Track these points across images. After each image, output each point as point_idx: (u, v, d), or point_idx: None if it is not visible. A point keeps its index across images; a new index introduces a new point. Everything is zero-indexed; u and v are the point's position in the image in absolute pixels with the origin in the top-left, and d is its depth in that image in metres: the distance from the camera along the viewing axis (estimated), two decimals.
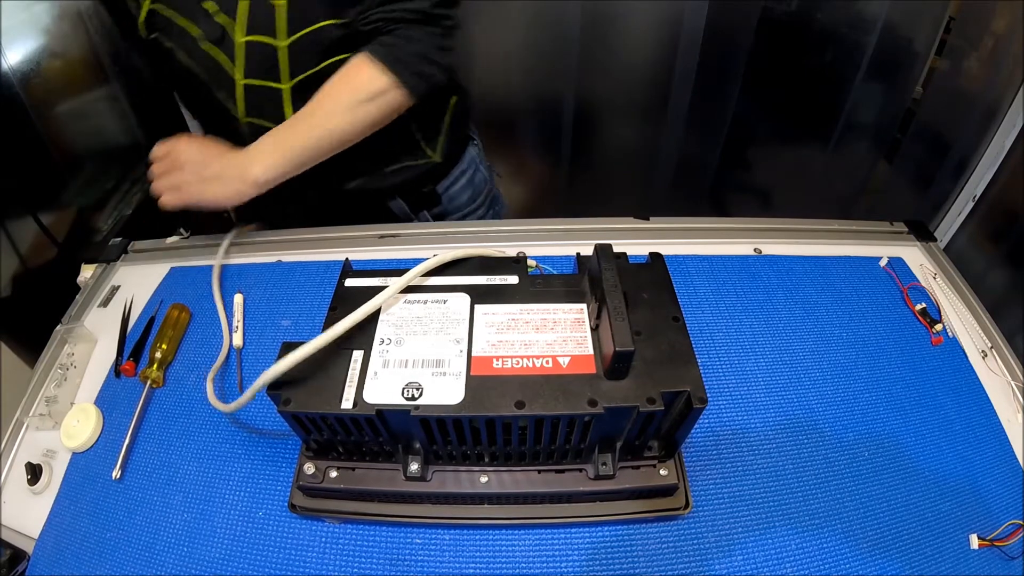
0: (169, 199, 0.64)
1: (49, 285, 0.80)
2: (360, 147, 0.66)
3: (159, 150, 0.65)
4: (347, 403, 0.40)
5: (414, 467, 0.45)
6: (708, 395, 0.40)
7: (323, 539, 0.48)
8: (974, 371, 0.60)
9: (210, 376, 0.57)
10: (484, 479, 0.46)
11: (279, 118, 0.65)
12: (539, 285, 0.48)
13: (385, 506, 0.47)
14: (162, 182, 0.65)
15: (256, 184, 0.62)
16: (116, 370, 0.61)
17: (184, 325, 0.64)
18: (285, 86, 0.64)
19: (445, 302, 0.47)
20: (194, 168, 0.63)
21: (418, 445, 0.45)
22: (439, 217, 0.85)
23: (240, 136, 0.69)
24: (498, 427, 0.41)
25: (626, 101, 1.34)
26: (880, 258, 0.71)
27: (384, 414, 0.40)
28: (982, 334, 0.64)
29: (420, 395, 0.40)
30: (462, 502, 0.47)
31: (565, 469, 0.46)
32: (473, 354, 0.43)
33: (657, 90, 1.29)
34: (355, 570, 0.47)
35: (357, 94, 0.61)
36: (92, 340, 0.65)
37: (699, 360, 0.42)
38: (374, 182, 0.77)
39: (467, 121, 0.83)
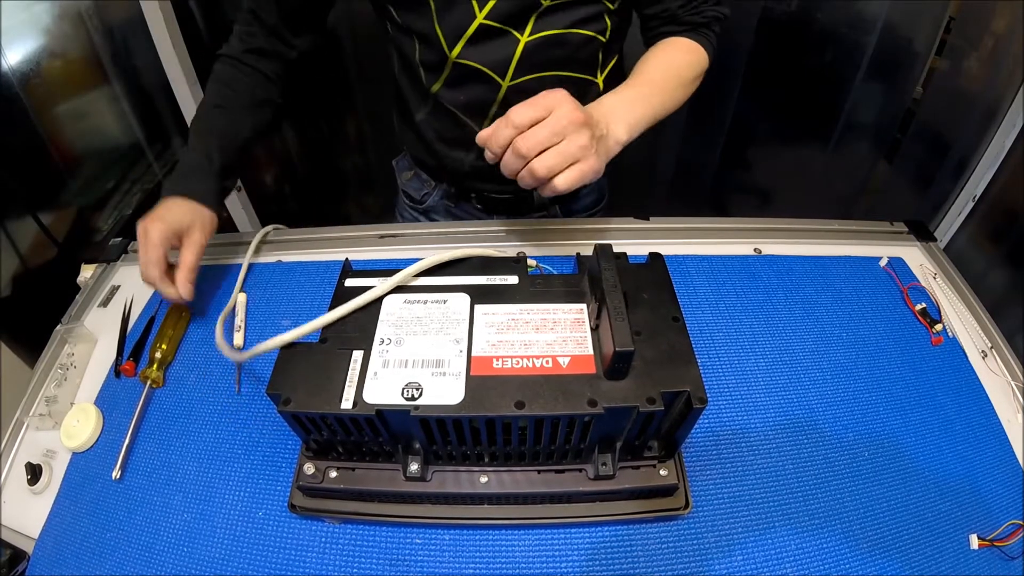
0: (571, 177, 0.49)
1: (49, 285, 0.80)
2: None
3: (529, 113, 0.47)
4: (347, 403, 0.40)
5: (414, 467, 0.45)
6: (708, 395, 0.40)
7: (323, 539, 0.48)
8: (974, 371, 0.60)
9: (220, 319, 0.57)
10: (484, 479, 0.46)
11: (498, 66, 0.64)
12: (539, 285, 0.48)
13: (385, 506, 0.48)
14: (555, 155, 0.48)
15: (620, 145, 0.56)
16: (116, 370, 0.61)
17: (184, 325, 0.64)
18: (523, 39, 0.62)
19: (445, 302, 0.47)
20: (591, 131, 0.50)
21: (418, 445, 0.45)
22: (567, 214, 0.84)
23: (432, 69, 0.66)
24: (498, 427, 0.41)
25: None
26: (880, 258, 0.71)
27: (384, 414, 0.40)
28: (982, 334, 0.64)
29: (420, 395, 0.40)
30: (462, 502, 0.47)
31: (565, 469, 0.46)
32: (473, 354, 0.43)
33: None
34: (355, 570, 0.47)
35: (692, 71, 0.66)
36: (92, 340, 0.65)
37: (699, 360, 0.42)
38: None
39: None
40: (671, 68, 0.65)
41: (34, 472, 0.53)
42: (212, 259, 0.73)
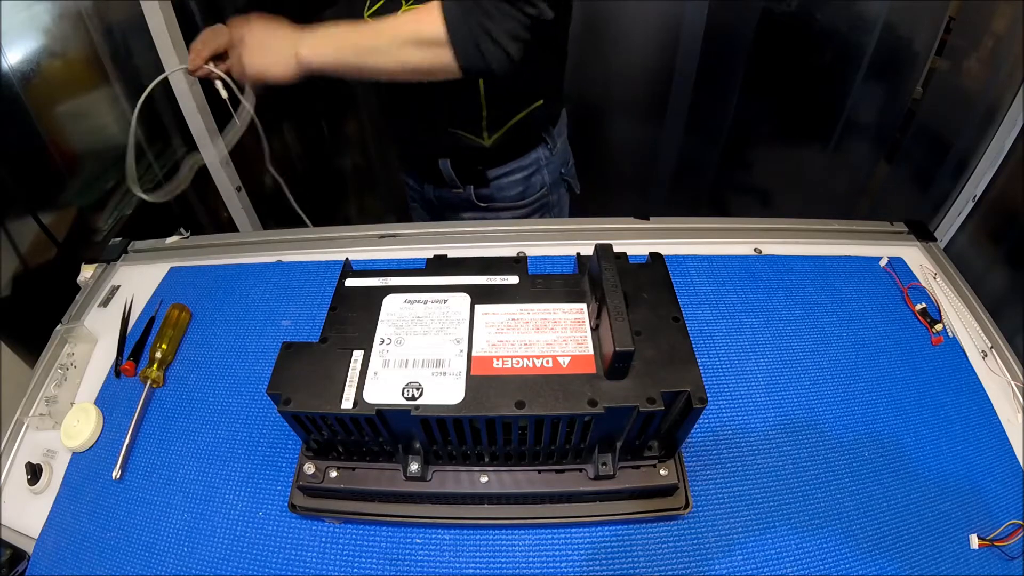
0: (233, 73, 0.68)
1: (49, 285, 0.80)
2: (425, 92, 0.66)
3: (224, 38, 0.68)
4: (347, 403, 0.40)
5: (414, 467, 0.45)
6: (708, 395, 0.40)
7: (323, 539, 0.48)
8: (974, 371, 0.60)
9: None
10: (484, 479, 0.46)
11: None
12: (539, 285, 0.48)
13: (385, 506, 0.47)
14: (231, 61, 0.68)
15: (299, 62, 0.63)
16: (116, 370, 0.61)
17: (184, 325, 0.64)
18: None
19: (445, 302, 0.47)
20: (251, 42, 0.65)
21: (418, 445, 0.45)
22: (487, 200, 0.85)
23: None
24: (498, 427, 0.41)
25: (626, 101, 1.34)
26: (880, 258, 0.71)
27: (384, 414, 0.40)
28: (982, 334, 0.64)
29: (420, 395, 0.40)
30: (462, 502, 0.47)
31: (565, 469, 0.46)
32: (473, 354, 0.43)
33: (657, 90, 1.29)
34: (355, 570, 0.47)
35: (411, 34, 0.62)
36: (92, 340, 0.65)
37: (699, 360, 0.42)
38: (429, 132, 0.79)
39: (547, 127, 0.83)
40: (390, 26, 0.63)
41: (34, 472, 0.53)
42: (212, 259, 0.74)
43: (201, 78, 0.73)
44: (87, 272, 0.73)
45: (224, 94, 0.77)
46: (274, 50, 0.64)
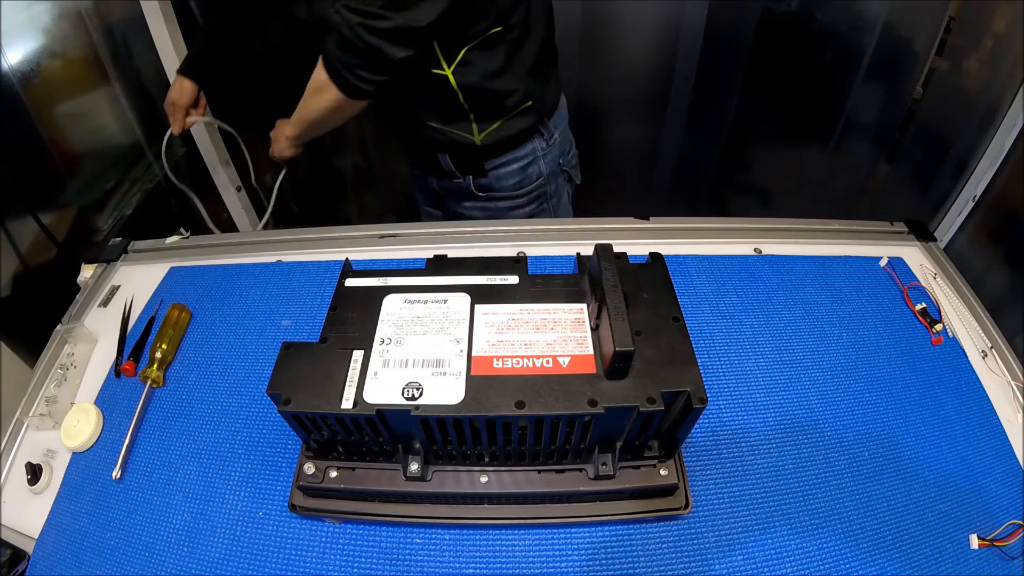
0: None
1: (49, 285, 0.80)
2: (417, 98, 0.78)
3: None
4: (347, 403, 0.40)
5: (414, 467, 0.45)
6: (708, 395, 0.40)
7: (323, 539, 0.48)
8: (974, 371, 0.60)
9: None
10: (484, 479, 0.46)
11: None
12: (539, 285, 0.48)
13: (385, 506, 0.48)
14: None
15: (289, 139, 0.86)
16: (116, 370, 0.61)
17: (184, 325, 0.64)
18: None
19: (445, 302, 0.47)
20: (272, 137, 0.91)
21: (418, 445, 0.45)
22: (485, 190, 0.88)
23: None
24: (498, 427, 0.41)
25: (626, 101, 1.34)
26: (880, 258, 0.71)
27: (384, 414, 0.40)
28: (982, 334, 0.64)
29: (420, 395, 0.40)
30: (462, 502, 0.47)
31: (565, 469, 0.46)
32: (473, 354, 0.43)
33: (657, 90, 1.29)
34: (355, 570, 0.47)
35: (313, 86, 0.74)
36: (92, 340, 0.65)
37: (699, 360, 0.42)
38: (426, 132, 0.84)
39: (542, 119, 0.85)
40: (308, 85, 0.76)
41: (34, 472, 0.53)
42: (212, 259, 0.74)
43: (189, 128, 0.93)
44: (87, 272, 0.73)
45: (216, 125, 1.00)
46: (279, 139, 0.89)
